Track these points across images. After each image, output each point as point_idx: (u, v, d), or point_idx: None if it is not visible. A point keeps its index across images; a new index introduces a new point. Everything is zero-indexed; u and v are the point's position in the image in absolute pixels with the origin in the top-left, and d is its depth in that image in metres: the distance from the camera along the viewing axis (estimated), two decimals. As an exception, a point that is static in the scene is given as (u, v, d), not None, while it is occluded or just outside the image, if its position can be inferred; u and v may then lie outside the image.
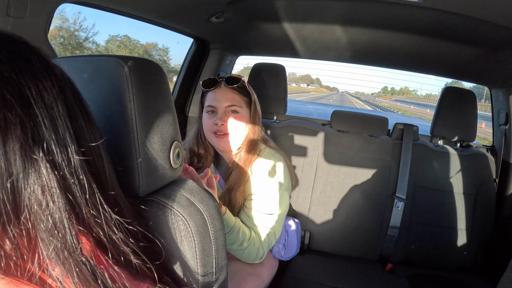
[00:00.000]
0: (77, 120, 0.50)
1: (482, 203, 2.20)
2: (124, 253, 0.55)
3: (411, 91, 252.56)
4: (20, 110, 0.43)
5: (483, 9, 1.43)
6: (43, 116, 0.45)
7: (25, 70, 0.45)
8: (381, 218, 2.22)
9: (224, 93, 1.52)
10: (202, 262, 0.70)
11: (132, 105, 0.64)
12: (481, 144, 2.50)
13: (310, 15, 1.86)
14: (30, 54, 0.48)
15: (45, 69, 0.48)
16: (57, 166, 0.46)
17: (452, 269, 2.21)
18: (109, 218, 0.53)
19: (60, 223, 0.46)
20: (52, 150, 0.46)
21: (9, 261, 0.44)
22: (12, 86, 0.43)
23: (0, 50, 0.45)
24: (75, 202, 0.48)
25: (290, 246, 1.85)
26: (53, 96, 0.47)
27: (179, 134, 0.76)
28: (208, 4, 1.70)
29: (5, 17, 0.99)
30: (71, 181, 0.48)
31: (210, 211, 0.74)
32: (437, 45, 1.98)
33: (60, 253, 0.46)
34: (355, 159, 2.27)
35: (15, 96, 0.43)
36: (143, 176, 0.67)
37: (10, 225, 0.43)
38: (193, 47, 2.41)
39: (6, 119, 0.42)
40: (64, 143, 0.47)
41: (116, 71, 0.64)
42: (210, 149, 1.65)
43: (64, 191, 0.47)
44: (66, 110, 0.49)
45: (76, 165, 0.48)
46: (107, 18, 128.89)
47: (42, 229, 0.45)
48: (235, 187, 1.53)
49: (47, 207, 0.45)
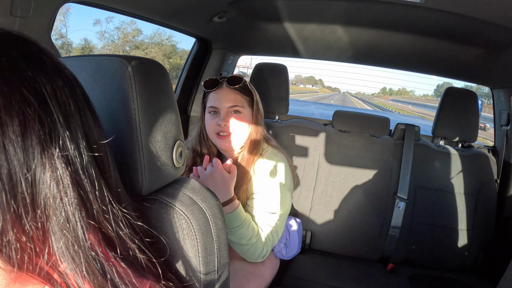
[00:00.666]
0: (86, 119, 0.51)
1: (483, 203, 2.20)
2: (130, 249, 0.56)
3: (409, 91, 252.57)
4: (38, 106, 0.44)
5: (485, 10, 1.43)
6: (58, 113, 0.46)
7: (39, 69, 0.46)
8: (382, 218, 2.22)
9: (226, 94, 1.51)
10: (204, 260, 0.71)
11: (135, 105, 0.64)
12: (482, 145, 2.50)
13: (311, 15, 1.86)
14: (41, 53, 0.48)
15: (57, 68, 0.49)
16: (71, 162, 0.47)
17: (453, 269, 2.21)
18: (117, 215, 0.54)
19: (72, 217, 0.47)
20: (66, 146, 0.46)
21: (23, 254, 0.45)
22: (29, 83, 0.44)
23: (14, 48, 0.45)
24: (85, 198, 0.49)
25: (292, 246, 1.85)
26: (65, 95, 0.48)
27: (182, 133, 0.77)
28: (211, 4, 1.71)
29: (9, 17, 0.99)
30: (83, 176, 0.48)
31: (212, 209, 0.75)
32: (439, 46, 1.98)
33: (70, 247, 0.47)
34: (357, 159, 2.27)
35: (32, 93, 0.44)
36: (146, 175, 0.67)
37: (28, 218, 0.44)
38: (195, 46, 2.42)
39: (25, 115, 0.43)
40: (76, 141, 0.48)
41: (120, 70, 0.64)
42: (213, 148, 1.66)
43: (76, 186, 0.47)
44: (76, 109, 0.49)
45: (87, 161, 0.49)
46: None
47: (55, 223, 0.46)
48: (238, 185, 1.52)
49: (60, 201, 0.46)
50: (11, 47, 0.45)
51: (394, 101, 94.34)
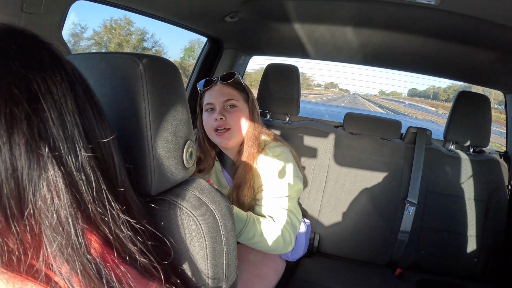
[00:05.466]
0: (86, 116, 0.50)
1: (493, 209, 2.17)
2: (131, 252, 0.55)
3: (400, 93, 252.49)
4: (27, 105, 0.43)
5: (500, 13, 1.41)
6: (51, 111, 0.45)
7: (34, 65, 0.45)
8: (391, 222, 2.20)
9: (220, 89, 1.54)
10: (212, 263, 0.70)
11: (146, 103, 0.63)
12: (494, 150, 2.47)
13: (323, 16, 1.85)
14: (40, 48, 0.48)
15: (55, 64, 0.48)
16: (64, 162, 0.46)
17: (462, 275, 2.18)
18: (116, 216, 0.53)
19: (65, 219, 0.46)
20: (58, 146, 0.46)
21: (11, 256, 0.44)
22: (20, 80, 0.43)
23: (10, 45, 0.45)
24: (80, 199, 0.48)
25: (297, 247, 1.84)
26: (62, 91, 0.47)
27: (193, 133, 0.76)
28: (223, 4, 1.71)
29: (20, 13, 0.99)
30: (78, 177, 0.48)
31: (222, 211, 0.74)
32: (451, 48, 1.96)
33: (64, 250, 0.46)
34: (367, 162, 2.26)
35: (22, 91, 0.43)
36: (155, 175, 0.66)
37: (14, 221, 0.43)
38: (206, 46, 2.42)
39: (13, 114, 0.42)
40: (72, 139, 0.47)
41: (131, 68, 0.64)
42: (211, 151, 1.66)
43: (70, 187, 0.47)
44: (75, 106, 0.49)
45: (84, 161, 0.48)
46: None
47: (46, 225, 0.45)
48: (242, 183, 1.53)
49: (52, 203, 0.45)
50: (9, 43, 0.45)
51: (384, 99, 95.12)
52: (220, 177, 1.68)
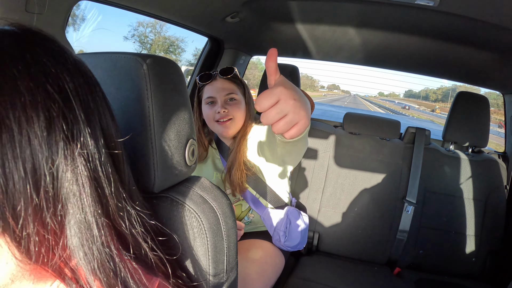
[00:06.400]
0: (105, 116, 0.52)
1: (492, 209, 2.18)
2: (142, 248, 0.56)
3: (397, 94, 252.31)
4: (62, 103, 0.44)
5: (498, 14, 1.42)
6: (80, 110, 0.46)
7: (62, 66, 0.46)
8: (390, 221, 2.21)
9: (221, 84, 1.65)
10: (213, 259, 0.71)
11: (150, 103, 0.64)
12: (492, 150, 2.48)
13: (324, 16, 1.86)
14: (62, 51, 0.49)
15: (77, 66, 0.50)
16: (90, 159, 0.47)
17: (460, 275, 2.19)
18: (130, 212, 0.54)
19: (89, 213, 0.47)
20: (87, 143, 0.47)
21: (41, 247, 0.45)
22: (53, 80, 0.44)
23: (37, 44, 0.46)
24: (102, 195, 0.49)
25: (291, 236, 1.82)
26: (85, 92, 0.48)
27: (195, 131, 0.77)
28: (224, 4, 1.72)
29: (24, 13, 1.00)
30: (100, 174, 0.49)
31: (223, 208, 0.75)
32: (451, 49, 1.97)
33: (84, 243, 0.47)
34: (366, 162, 2.27)
35: (56, 90, 0.44)
36: (158, 173, 0.67)
37: (49, 212, 0.44)
38: (207, 46, 2.42)
39: (50, 111, 0.43)
40: (95, 137, 0.48)
41: (135, 68, 0.65)
42: (204, 141, 1.77)
43: (94, 183, 0.48)
44: (96, 106, 0.50)
45: (105, 158, 0.50)
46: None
47: (72, 218, 0.46)
48: (233, 164, 1.66)
49: (79, 197, 0.46)
50: (34, 43, 0.46)
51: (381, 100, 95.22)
52: (217, 163, 1.79)
